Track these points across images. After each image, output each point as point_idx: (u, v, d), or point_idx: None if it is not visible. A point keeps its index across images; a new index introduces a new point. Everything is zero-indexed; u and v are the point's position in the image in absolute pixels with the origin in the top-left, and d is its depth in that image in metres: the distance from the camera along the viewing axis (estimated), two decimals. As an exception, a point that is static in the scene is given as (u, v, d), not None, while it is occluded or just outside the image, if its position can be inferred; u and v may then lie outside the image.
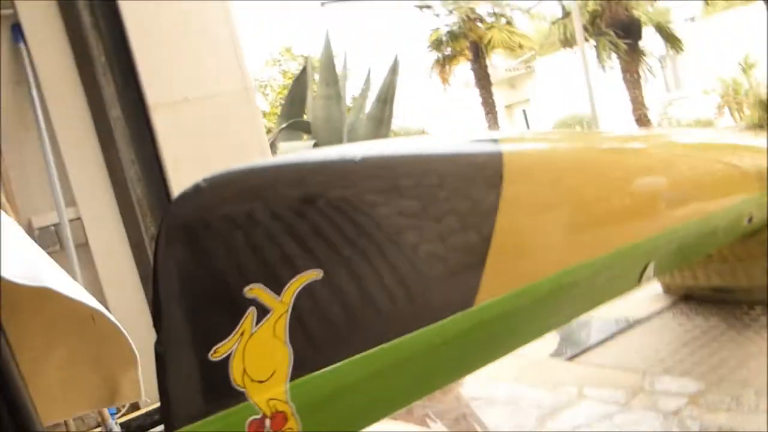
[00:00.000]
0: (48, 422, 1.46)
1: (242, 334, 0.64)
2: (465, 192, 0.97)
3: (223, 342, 0.64)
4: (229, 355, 0.64)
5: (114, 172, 3.12)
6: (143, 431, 2.70)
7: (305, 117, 4.98)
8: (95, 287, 2.96)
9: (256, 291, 0.67)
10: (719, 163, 2.14)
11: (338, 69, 4.88)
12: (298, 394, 0.67)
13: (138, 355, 1.56)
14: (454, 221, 0.94)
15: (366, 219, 0.82)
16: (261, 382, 0.65)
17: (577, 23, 9.96)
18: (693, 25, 18.09)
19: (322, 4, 6.96)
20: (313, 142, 4.35)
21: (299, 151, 4.37)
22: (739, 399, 1.90)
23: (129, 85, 3.09)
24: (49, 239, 2.91)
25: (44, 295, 1.24)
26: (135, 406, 2.89)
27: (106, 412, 2.61)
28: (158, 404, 0.85)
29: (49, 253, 1.32)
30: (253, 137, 3.28)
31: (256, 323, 0.66)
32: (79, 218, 3.00)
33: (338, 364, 0.72)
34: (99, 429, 2.64)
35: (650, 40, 15.84)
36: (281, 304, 0.69)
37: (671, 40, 16.02)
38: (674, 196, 1.54)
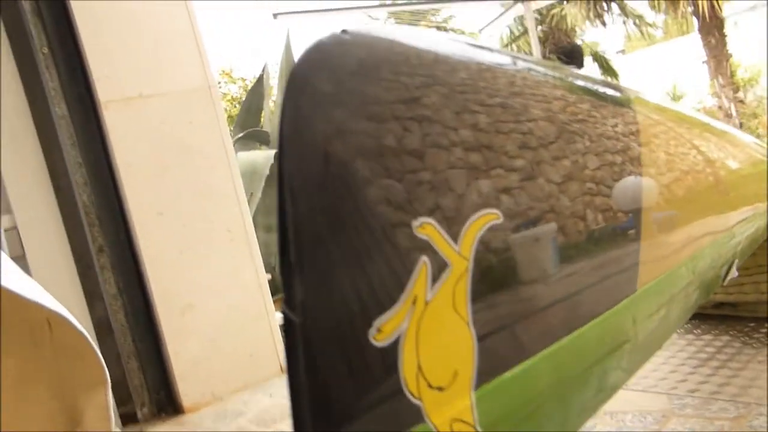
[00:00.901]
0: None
1: (415, 301, 0.36)
2: (612, 134, 0.71)
3: (391, 312, 0.36)
4: (398, 339, 0.37)
5: (57, 176, 2.76)
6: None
7: (262, 127, 4.69)
8: (31, 306, 2.57)
9: (429, 229, 0.38)
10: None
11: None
12: (486, 412, 0.38)
13: (108, 375, 1.24)
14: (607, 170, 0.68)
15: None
16: (440, 389, 0.36)
17: (534, 41, 10.00)
18: (623, 57, 19.03)
19: (275, 16, 6.66)
20: (274, 151, 4.06)
21: (258, 157, 4.05)
22: (793, 422, 1.70)
23: (76, 80, 2.75)
24: (-22, 251, 2.51)
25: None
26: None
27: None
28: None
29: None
30: (215, 139, 2.97)
31: (432, 284, 0.37)
32: (15, 227, 2.62)
33: (528, 362, 0.42)
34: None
35: (588, 69, 16.40)
36: (461, 258, 0.40)
37: (607, 69, 16.58)
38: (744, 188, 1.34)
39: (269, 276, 3.28)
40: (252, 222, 3.13)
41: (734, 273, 1.27)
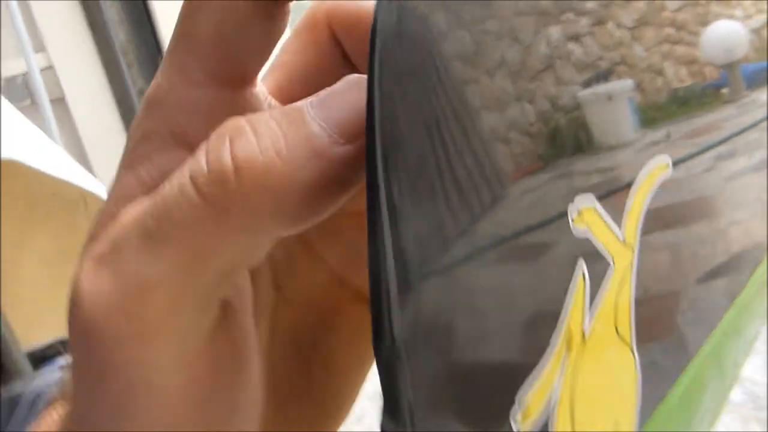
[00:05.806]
0: (35, 341, 1.07)
1: (570, 342, 0.22)
2: None
3: (538, 370, 0.19)
4: (551, 412, 0.22)
5: (90, 12, 2.59)
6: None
7: None
8: (76, 150, 2.53)
9: (590, 216, 0.24)
10: None
11: None
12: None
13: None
14: None
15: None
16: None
17: None
18: None
19: None
20: None
21: None
22: None
23: None
24: (17, 93, 2.43)
25: (14, 172, 0.84)
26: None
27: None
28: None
29: (18, 109, 0.90)
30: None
31: (590, 305, 0.24)
32: (51, 67, 2.50)
33: (692, 365, 0.30)
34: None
35: None
36: (624, 249, 0.26)
37: None
38: None
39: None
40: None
41: None
